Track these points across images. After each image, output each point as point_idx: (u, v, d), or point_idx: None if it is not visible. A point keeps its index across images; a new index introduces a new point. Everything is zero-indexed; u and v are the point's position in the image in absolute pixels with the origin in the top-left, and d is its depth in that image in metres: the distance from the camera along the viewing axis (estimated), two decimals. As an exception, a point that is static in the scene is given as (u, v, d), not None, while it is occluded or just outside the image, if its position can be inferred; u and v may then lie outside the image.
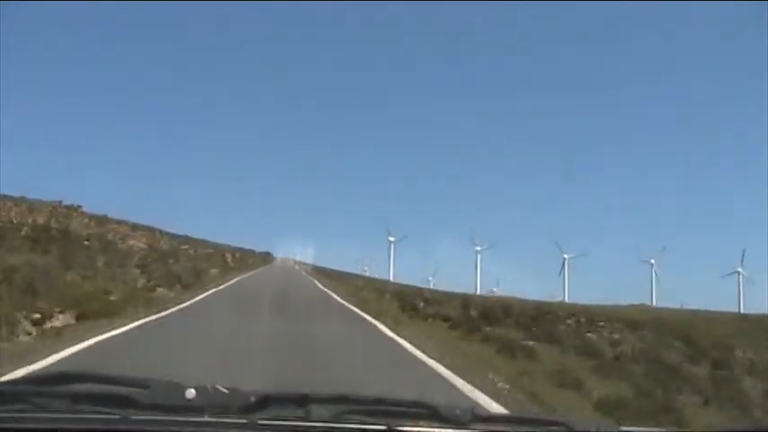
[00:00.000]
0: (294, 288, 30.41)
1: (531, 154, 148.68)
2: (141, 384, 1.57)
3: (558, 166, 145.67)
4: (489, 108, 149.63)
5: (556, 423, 1.60)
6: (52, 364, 6.79)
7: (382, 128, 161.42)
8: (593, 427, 1.57)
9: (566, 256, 74.56)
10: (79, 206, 47.15)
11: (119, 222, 50.52)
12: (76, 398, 1.50)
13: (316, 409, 1.51)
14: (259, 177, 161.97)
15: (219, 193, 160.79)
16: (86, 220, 42.44)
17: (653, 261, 72.82)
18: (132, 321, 11.50)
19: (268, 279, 38.76)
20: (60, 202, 45.34)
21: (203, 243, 66.83)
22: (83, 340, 8.77)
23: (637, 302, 56.42)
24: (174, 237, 59.85)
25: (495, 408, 5.92)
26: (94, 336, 9.29)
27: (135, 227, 52.43)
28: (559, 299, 64.14)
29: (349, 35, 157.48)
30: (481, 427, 1.54)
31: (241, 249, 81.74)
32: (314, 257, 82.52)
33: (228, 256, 58.66)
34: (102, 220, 46.05)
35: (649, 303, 60.26)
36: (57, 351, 7.68)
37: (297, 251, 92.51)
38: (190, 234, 69.22)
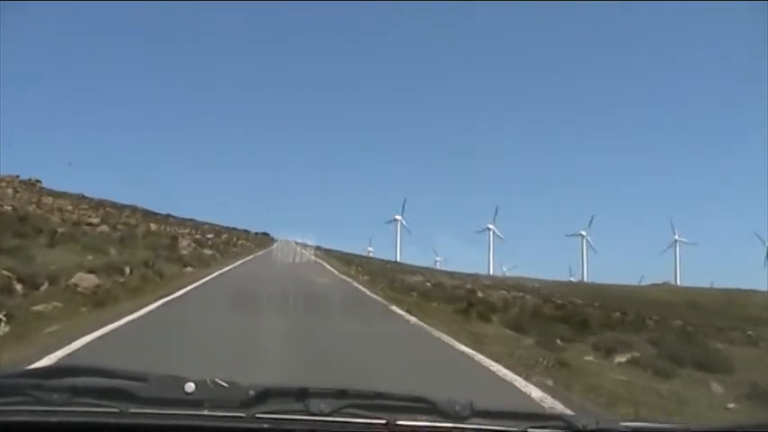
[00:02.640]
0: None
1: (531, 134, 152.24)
2: (140, 378, 1.67)
3: (560, 148, 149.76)
4: (492, 93, 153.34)
5: (555, 418, 1.68)
6: None
7: (383, 113, 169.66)
8: (594, 421, 1.63)
9: (583, 233, 75.27)
10: (38, 180, 47.26)
11: (79, 198, 50.11)
12: (75, 391, 1.59)
13: (315, 403, 1.59)
14: (262, 162, 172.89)
15: (219, 177, 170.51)
16: (18, 193, 39.13)
17: (677, 237, 73.64)
18: None
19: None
20: (17, 176, 45.48)
21: (185, 222, 62.52)
22: None
23: (659, 282, 56.97)
24: (151, 214, 56.39)
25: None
26: None
27: (100, 204, 52.07)
28: (572, 279, 64.87)
29: (351, 25, 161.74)
30: (480, 421, 1.61)
31: (234, 230, 76.50)
32: (315, 239, 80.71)
33: (187, 240, 36.73)
34: (60, 196, 45.48)
35: (672, 282, 60.92)
36: None
37: (298, 233, 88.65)
38: (173, 213, 66.31)
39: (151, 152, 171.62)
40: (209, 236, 51.27)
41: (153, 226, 42.76)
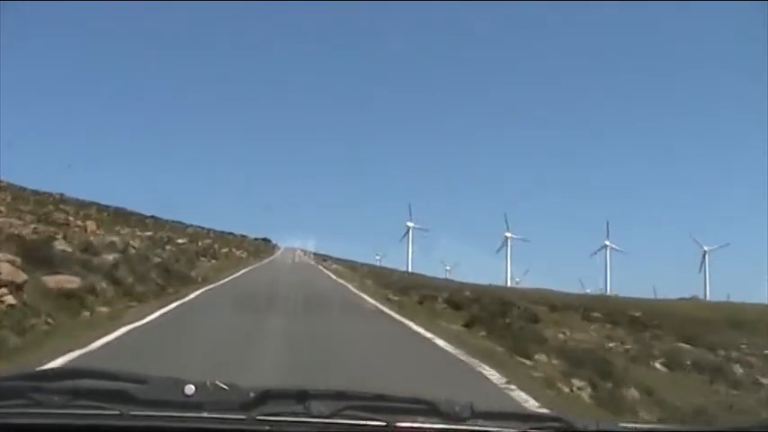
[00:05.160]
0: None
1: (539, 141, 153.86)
2: (140, 380, 1.77)
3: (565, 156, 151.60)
4: (499, 100, 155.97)
5: (555, 419, 1.77)
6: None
7: (391, 122, 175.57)
8: (593, 424, 1.73)
9: (607, 242, 75.44)
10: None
11: (39, 195, 49.78)
12: (75, 393, 1.69)
13: (315, 405, 1.68)
14: (267, 170, 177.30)
15: (221, 181, 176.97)
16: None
17: (706, 248, 73.81)
18: None
19: None
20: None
21: (164, 224, 59.82)
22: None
23: (687, 296, 56.90)
24: (127, 215, 54.98)
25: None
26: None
27: (60, 201, 51.75)
28: (590, 291, 64.98)
29: (354, 29, 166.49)
30: (480, 422, 1.70)
31: (229, 234, 72.35)
32: (319, 246, 78.85)
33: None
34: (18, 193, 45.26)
35: (700, 296, 60.98)
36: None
37: (301, 239, 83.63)
38: (158, 215, 64.98)
39: (153, 156, 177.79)
40: (180, 241, 40.28)
41: (91, 225, 31.58)
